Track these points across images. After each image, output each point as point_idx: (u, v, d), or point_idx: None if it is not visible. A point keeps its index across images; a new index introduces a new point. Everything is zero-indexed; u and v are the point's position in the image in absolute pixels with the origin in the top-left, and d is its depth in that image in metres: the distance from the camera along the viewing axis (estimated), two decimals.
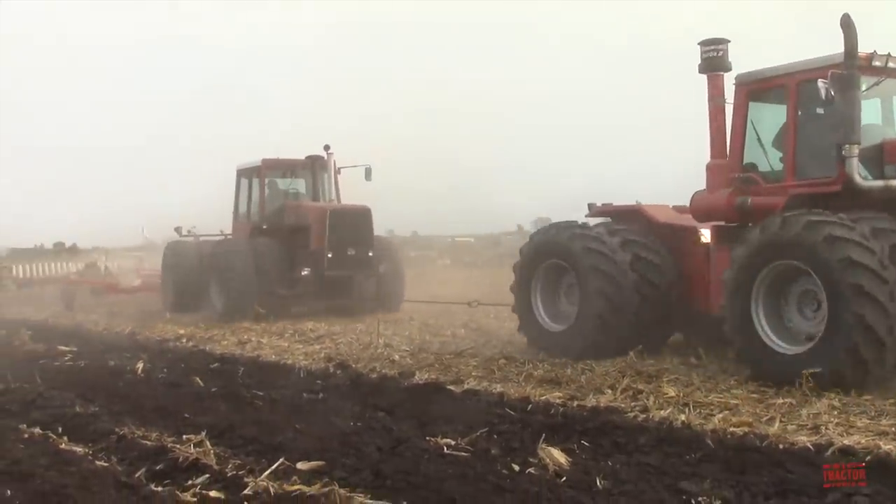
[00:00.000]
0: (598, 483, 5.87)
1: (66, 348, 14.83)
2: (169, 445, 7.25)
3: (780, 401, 8.12)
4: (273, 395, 9.64)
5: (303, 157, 20.68)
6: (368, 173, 19.79)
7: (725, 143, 10.96)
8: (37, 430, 8.20)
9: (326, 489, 5.71)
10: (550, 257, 11.88)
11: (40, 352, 14.74)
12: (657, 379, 9.51)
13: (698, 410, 7.91)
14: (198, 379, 10.78)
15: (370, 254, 18.76)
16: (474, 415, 8.15)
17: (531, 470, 6.25)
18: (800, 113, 10.11)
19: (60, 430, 8.14)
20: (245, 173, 21.24)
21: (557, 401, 8.68)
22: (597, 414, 8.10)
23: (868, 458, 6.19)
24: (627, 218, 12.00)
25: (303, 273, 18.34)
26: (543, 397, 8.86)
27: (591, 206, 12.48)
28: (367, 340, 13.96)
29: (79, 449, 7.47)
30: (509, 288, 12.59)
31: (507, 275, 13.09)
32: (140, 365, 12.06)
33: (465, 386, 9.72)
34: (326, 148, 20.01)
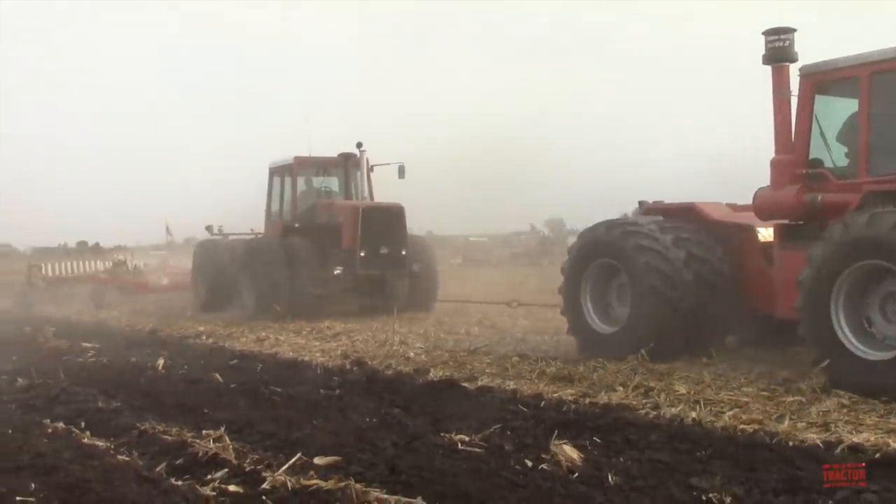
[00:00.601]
0: (609, 479, 5.86)
1: (89, 345, 14.94)
2: (189, 440, 7.29)
3: (790, 398, 8.08)
4: (290, 391, 9.67)
5: (335, 155, 20.18)
6: (402, 171, 19.28)
7: (790, 137, 10.19)
8: (60, 424, 8.25)
9: (342, 484, 5.72)
10: (600, 256, 11.23)
11: (64, 348, 14.85)
12: (668, 376, 9.47)
13: (709, 408, 7.88)
14: (217, 375, 10.82)
15: (403, 252, 18.13)
16: (488, 411, 8.14)
17: (544, 466, 6.24)
18: (873, 106, 9.32)
19: (83, 424, 8.18)
20: (277, 171, 20.77)
21: (570, 398, 8.67)
22: (608, 411, 8.08)
23: (877, 454, 6.17)
24: (679, 216, 11.28)
25: (335, 272, 17.79)
26: (556, 394, 8.84)
27: (641, 203, 11.97)
28: (382, 338, 13.98)
29: (101, 443, 7.51)
30: (557, 290, 12.01)
31: (525, 273, 13.04)
32: (161, 361, 12.12)
33: (479, 383, 9.71)
34: (359, 145, 19.41)
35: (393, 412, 8.34)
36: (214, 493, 5.88)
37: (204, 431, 7.50)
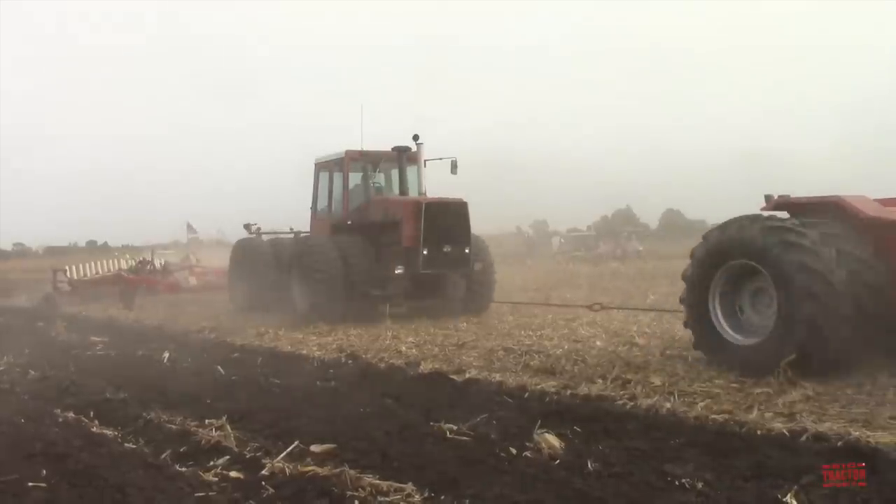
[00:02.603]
0: (589, 466, 5.88)
1: (99, 339, 14.91)
2: (192, 429, 7.30)
3: (758, 390, 8.10)
4: (288, 383, 9.67)
5: (388, 149, 17.69)
6: (454, 166, 17.16)
7: None
8: (70, 414, 8.25)
9: (337, 470, 5.74)
10: (735, 258, 9.37)
11: (74, 342, 14.80)
12: (644, 369, 9.49)
13: (682, 399, 7.89)
14: (219, 368, 10.81)
15: (466, 251, 16.21)
16: (475, 402, 8.15)
17: (527, 453, 6.27)
18: None
19: (92, 414, 8.17)
20: (325, 166, 18.52)
21: (552, 389, 8.68)
22: (588, 402, 8.10)
23: (840, 443, 6.20)
24: (821, 211, 9.39)
25: (396, 271, 15.77)
26: (539, 386, 8.85)
27: (768, 197, 9.97)
28: (376, 333, 13.96)
29: (109, 432, 7.51)
30: (679, 300, 10.29)
31: (521, 272, 12.67)
32: (166, 355, 12.12)
33: (467, 375, 9.71)
34: (415, 138, 17.04)
35: (385, 403, 8.34)
36: (217, 479, 5.89)
37: (207, 421, 7.51)
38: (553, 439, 6.44)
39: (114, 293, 23.31)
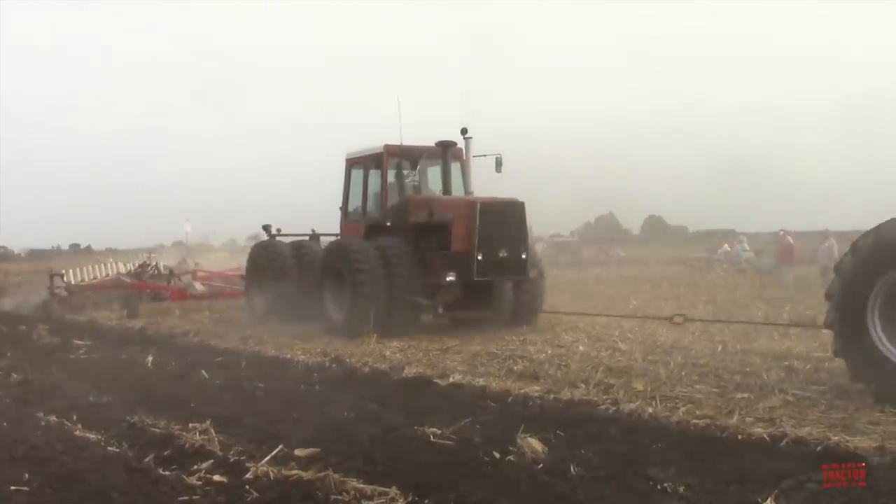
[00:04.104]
0: (572, 470, 5.89)
1: (81, 342, 14.80)
2: (176, 433, 7.25)
3: (739, 395, 8.16)
4: (273, 387, 9.64)
5: (432, 144, 15.84)
6: (499, 164, 15.49)
7: None
8: (53, 417, 8.18)
9: (321, 474, 5.72)
10: None
11: (57, 345, 14.69)
12: (627, 374, 9.53)
13: (664, 403, 7.93)
14: (203, 371, 10.76)
15: (523, 256, 14.26)
16: (458, 406, 8.15)
17: (511, 457, 6.27)
18: None
19: (75, 418, 8.10)
20: (358, 163, 16.55)
21: (535, 394, 8.69)
22: (571, 406, 8.12)
23: (819, 448, 6.25)
24: None
25: (447, 279, 13.83)
26: (522, 390, 8.86)
27: None
28: (360, 337, 13.91)
29: (92, 436, 7.45)
30: (823, 324, 8.68)
31: None
32: (150, 358, 12.04)
33: (451, 379, 9.71)
34: (464, 132, 15.19)
35: (369, 407, 8.33)
36: (200, 483, 5.85)
37: (190, 424, 7.46)
38: (536, 443, 6.45)
39: (115, 299, 21.75)
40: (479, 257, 13.83)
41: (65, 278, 23.68)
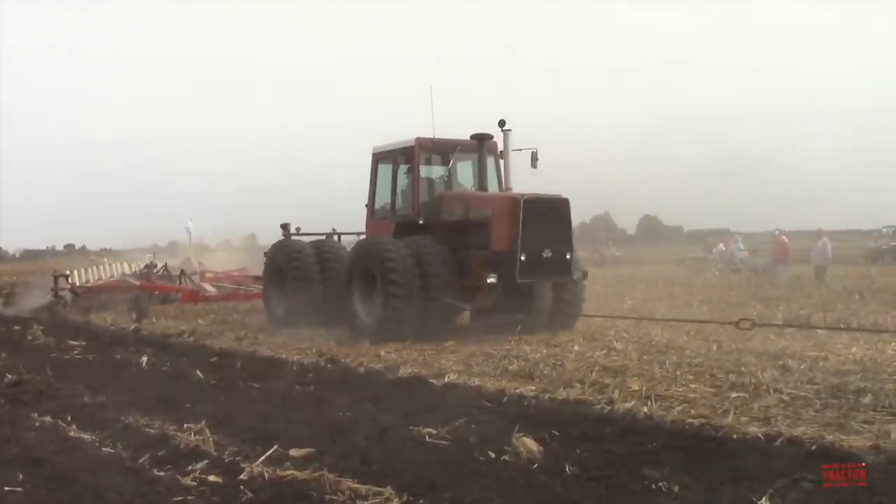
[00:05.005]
0: (567, 469, 5.90)
1: (76, 342, 14.77)
2: (171, 433, 7.24)
3: (734, 395, 8.17)
4: (268, 387, 9.63)
5: (467, 137, 14.82)
6: (535, 159, 14.54)
7: None
8: (48, 418, 8.17)
9: (317, 474, 5.72)
10: None
11: (52, 346, 14.66)
12: (622, 374, 9.53)
13: (660, 403, 7.93)
14: (198, 372, 10.75)
15: (568, 256, 13.38)
16: (454, 406, 8.14)
17: (506, 457, 6.27)
18: None
19: (70, 418, 8.09)
20: (386, 157, 15.48)
21: (530, 393, 8.69)
22: (566, 406, 8.12)
23: (813, 447, 6.26)
24: None
25: (489, 280, 12.96)
26: (518, 390, 8.86)
27: None
28: (355, 337, 13.88)
29: (87, 436, 7.44)
30: None
31: None
32: (144, 359, 12.04)
33: (446, 379, 9.70)
34: (502, 124, 14.31)
35: (365, 407, 8.33)
36: (195, 484, 5.85)
37: (185, 425, 7.46)
38: (531, 443, 6.45)
39: (122, 301, 20.64)
40: (523, 257, 12.98)
41: (69, 279, 22.25)
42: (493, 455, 6.33)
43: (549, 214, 13.31)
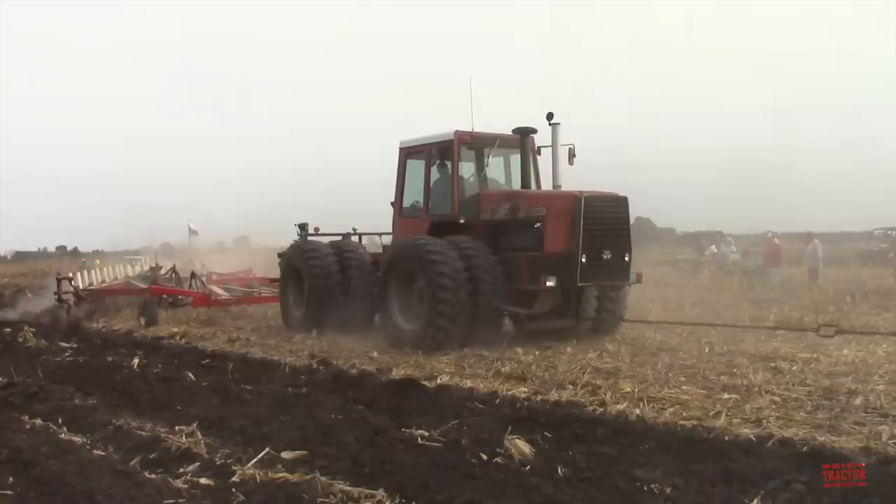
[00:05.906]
0: (559, 471, 5.90)
1: (67, 345, 14.72)
2: (162, 436, 7.21)
3: (726, 396, 8.19)
4: (260, 389, 9.61)
5: (508, 132, 13.89)
6: (572, 155, 13.58)
7: None
8: (38, 421, 8.13)
9: (309, 477, 5.71)
10: None
11: (42, 348, 14.60)
12: (614, 376, 9.55)
13: (652, 405, 7.95)
14: (190, 374, 10.71)
15: (627, 258, 12.59)
16: (446, 408, 8.15)
17: (498, 459, 6.27)
18: None
19: (60, 421, 8.06)
20: (418, 152, 14.39)
21: (523, 395, 8.69)
22: (559, 408, 8.13)
23: (805, 448, 6.27)
24: None
25: (547, 284, 12.06)
26: (510, 392, 8.86)
27: None
28: (351, 337, 13.85)
29: (78, 439, 7.41)
30: None
31: None
32: (136, 361, 11.99)
33: (438, 381, 9.70)
34: (549, 117, 13.31)
35: (357, 409, 8.31)
36: (186, 486, 5.83)
37: (177, 427, 7.43)
38: (523, 445, 6.45)
39: (130, 304, 19.81)
40: (584, 260, 12.06)
41: (73, 282, 20.88)
42: (485, 457, 6.33)
43: (609, 213, 12.52)
